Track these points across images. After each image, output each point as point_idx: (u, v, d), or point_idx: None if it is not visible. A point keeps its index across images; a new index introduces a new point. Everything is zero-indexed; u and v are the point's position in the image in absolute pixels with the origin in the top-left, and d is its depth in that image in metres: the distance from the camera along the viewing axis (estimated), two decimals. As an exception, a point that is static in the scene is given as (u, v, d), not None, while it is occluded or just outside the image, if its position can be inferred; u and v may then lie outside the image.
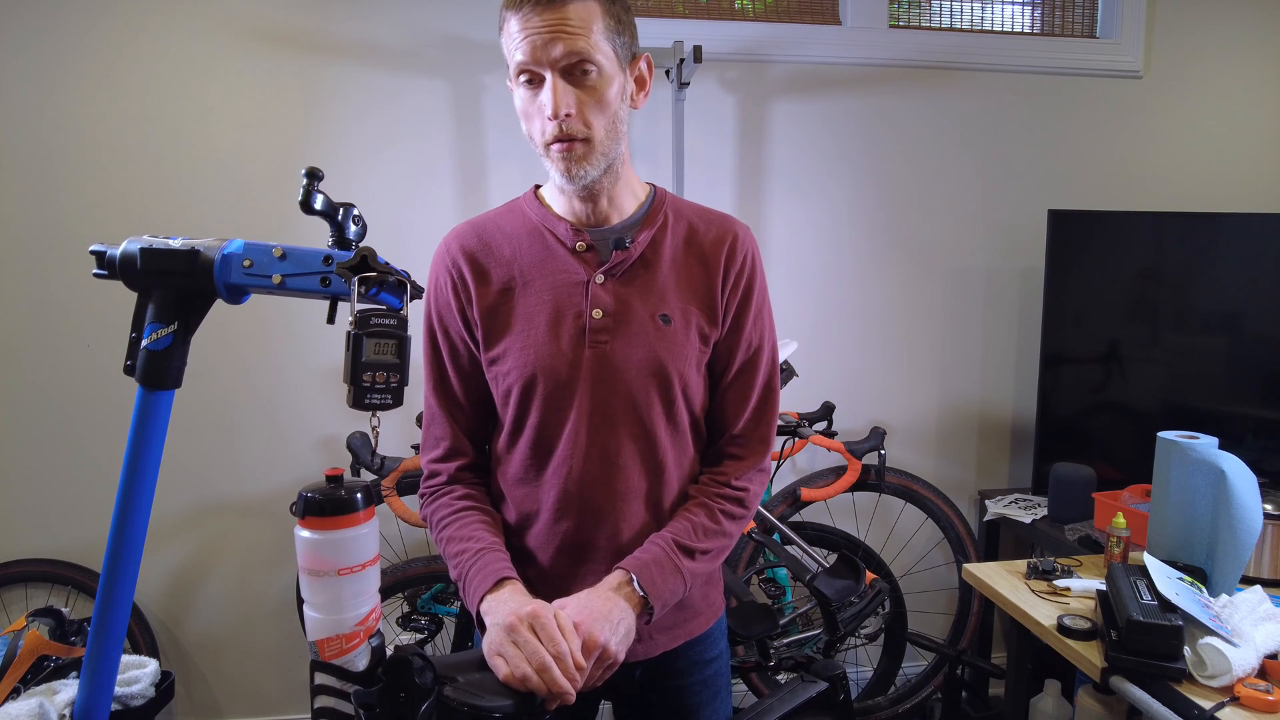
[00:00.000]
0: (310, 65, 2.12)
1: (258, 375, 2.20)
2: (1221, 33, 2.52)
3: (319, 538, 0.74)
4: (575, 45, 0.93)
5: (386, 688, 0.73)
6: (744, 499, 1.08)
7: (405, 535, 2.29)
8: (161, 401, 0.87)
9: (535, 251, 1.06)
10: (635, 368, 1.02)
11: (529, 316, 1.03)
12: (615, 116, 0.99)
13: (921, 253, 2.46)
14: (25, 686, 1.21)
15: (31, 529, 2.17)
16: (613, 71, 0.98)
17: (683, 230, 1.08)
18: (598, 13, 0.95)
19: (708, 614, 1.14)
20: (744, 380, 1.09)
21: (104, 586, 0.87)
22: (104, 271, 0.87)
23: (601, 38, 0.96)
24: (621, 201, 1.07)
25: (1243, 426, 2.35)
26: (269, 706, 2.33)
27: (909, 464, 2.49)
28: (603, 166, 1.00)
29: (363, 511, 0.75)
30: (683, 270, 1.06)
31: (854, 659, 2.52)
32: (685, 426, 1.08)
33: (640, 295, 1.04)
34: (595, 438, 1.03)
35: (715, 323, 1.06)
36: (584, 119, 0.96)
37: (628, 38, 1.00)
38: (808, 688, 1.08)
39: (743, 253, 1.08)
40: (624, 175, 1.06)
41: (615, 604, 0.95)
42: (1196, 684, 1.27)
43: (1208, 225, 2.36)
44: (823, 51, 2.35)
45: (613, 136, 1.00)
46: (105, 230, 2.06)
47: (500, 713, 0.82)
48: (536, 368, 1.02)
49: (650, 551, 1.00)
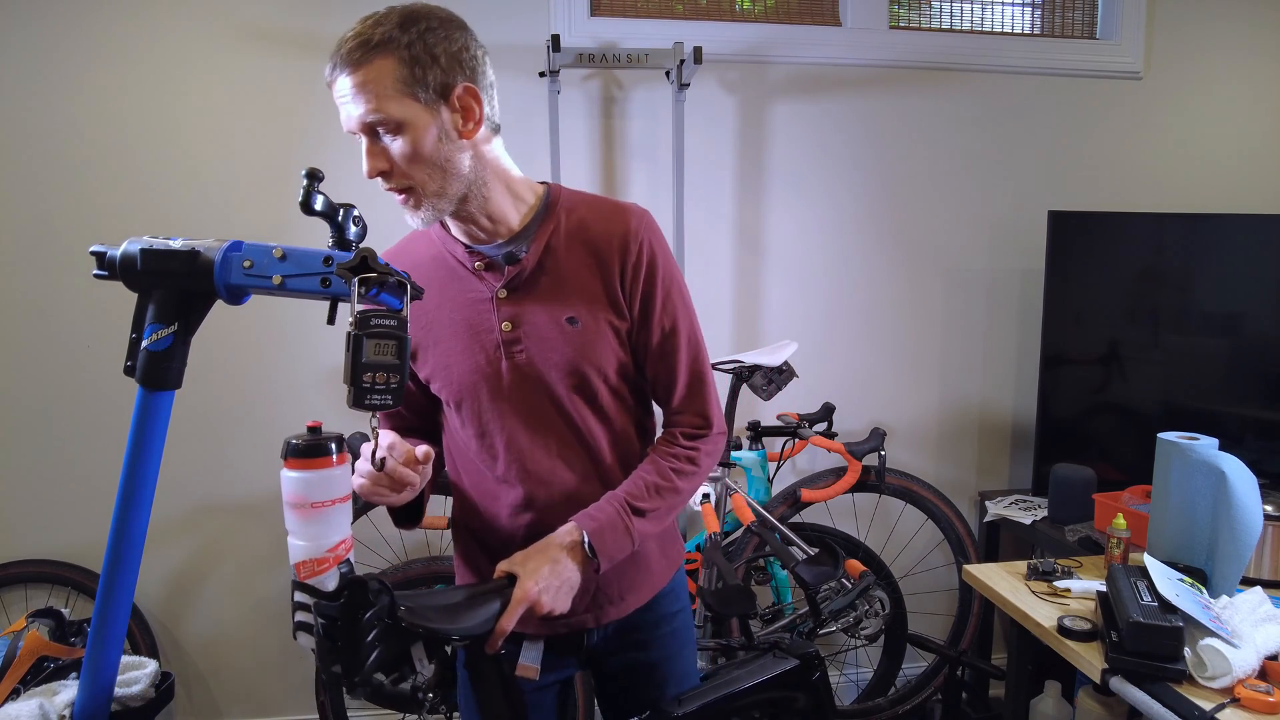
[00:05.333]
0: (310, 65, 2.12)
1: (258, 376, 2.20)
2: (1221, 33, 2.53)
3: (298, 475, 0.86)
4: (367, 110, 0.95)
5: (345, 603, 0.84)
6: (695, 458, 1.13)
7: (405, 535, 2.29)
8: (162, 402, 0.87)
9: (442, 275, 1.11)
10: (553, 371, 1.08)
11: (447, 339, 1.10)
12: (439, 159, 0.98)
13: (922, 253, 2.46)
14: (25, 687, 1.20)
15: (31, 529, 2.17)
16: (419, 119, 0.96)
17: (576, 229, 1.09)
18: (389, 69, 0.94)
19: (667, 566, 1.23)
20: (667, 363, 1.13)
21: (104, 587, 0.87)
22: (104, 272, 0.87)
23: (398, 93, 0.95)
24: (503, 214, 1.07)
25: (1243, 427, 2.35)
26: (269, 706, 2.33)
27: (909, 465, 2.49)
28: (447, 205, 1.02)
29: (336, 456, 0.87)
30: (580, 269, 1.08)
31: (854, 660, 2.52)
32: (619, 411, 1.14)
33: (543, 303, 1.08)
34: (534, 440, 1.11)
35: (622, 315, 1.10)
36: (401, 174, 0.99)
37: (436, 75, 0.96)
38: (777, 663, 1.15)
39: (636, 242, 1.08)
40: (495, 194, 1.06)
41: (562, 564, 1.03)
42: (1197, 685, 1.27)
43: (1208, 226, 2.36)
44: (823, 52, 2.35)
45: (443, 178, 1.00)
46: (105, 231, 2.06)
47: (458, 635, 0.93)
48: (462, 386, 1.10)
49: (605, 512, 1.07)
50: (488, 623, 0.97)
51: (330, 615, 0.84)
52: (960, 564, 2.31)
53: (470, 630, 0.95)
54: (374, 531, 2.26)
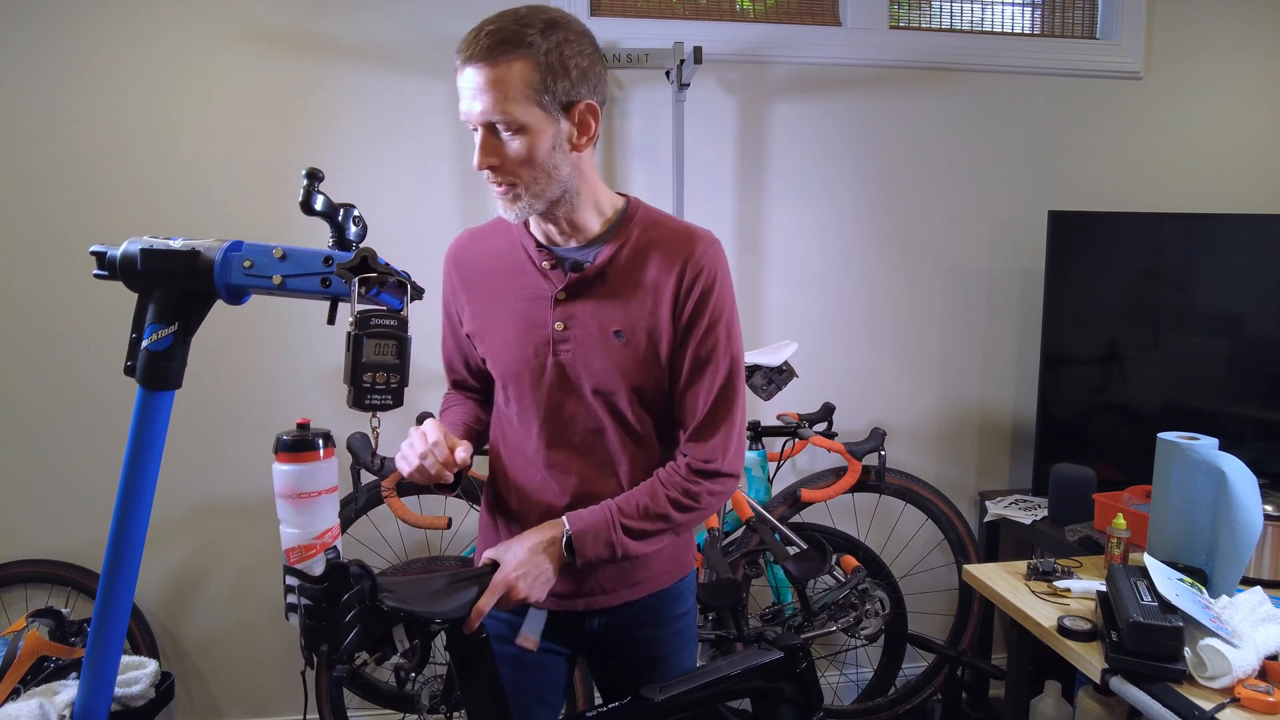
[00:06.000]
0: (310, 65, 2.12)
1: (258, 376, 2.20)
2: (1221, 33, 2.52)
3: (288, 468, 0.92)
4: (493, 108, 0.98)
5: (329, 586, 0.90)
6: (696, 494, 1.13)
7: (405, 535, 2.29)
8: (162, 402, 0.87)
9: (512, 265, 1.17)
10: (591, 378, 1.12)
11: (504, 324, 1.16)
12: (547, 165, 1.03)
13: (922, 253, 2.46)
14: (25, 687, 1.21)
15: (31, 529, 2.17)
16: (540, 126, 1.00)
17: (644, 246, 1.13)
18: (525, 71, 0.98)
19: (673, 572, 1.25)
20: (692, 392, 1.14)
21: (104, 587, 0.87)
22: (104, 272, 0.87)
23: (526, 97, 0.98)
24: (585, 222, 1.12)
25: (1243, 427, 2.35)
26: (268, 707, 2.33)
27: (909, 465, 2.49)
28: (541, 206, 1.07)
29: (322, 451, 0.93)
30: (638, 286, 1.11)
31: (854, 660, 2.52)
32: (647, 427, 1.17)
33: (596, 311, 1.12)
34: (561, 434, 1.16)
35: (667, 338, 1.12)
36: (510, 171, 1.03)
37: (566, 85, 1.00)
38: (760, 655, 1.17)
39: (696, 268, 1.11)
40: (583, 201, 1.11)
41: (541, 555, 1.07)
42: (1197, 685, 1.27)
43: (1208, 226, 2.36)
44: (823, 52, 2.35)
45: (547, 182, 1.04)
46: (105, 231, 2.06)
47: (437, 617, 0.98)
48: (508, 370, 1.16)
49: (597, 516, 1.10)
50: (465, 606, 1.01)
51: (314, 596, 0.89)
52: (960, 564, 2.31)
53: (449, 613, 0.99)
54: (374, 531, 2.26)
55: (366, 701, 2.26)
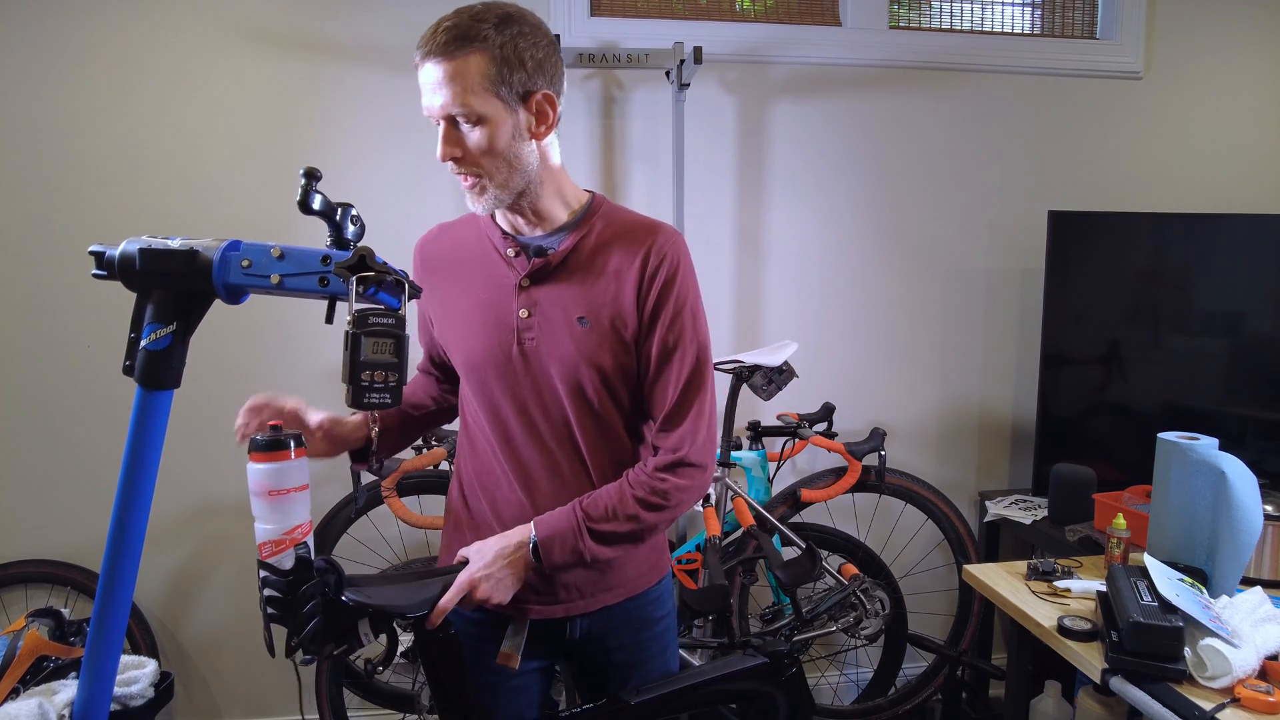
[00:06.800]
0: (310, 65, 2.12)
1: (256, 375, 2.20)
2: (1221, 33, 2.52)
3: (260, 467, 0.94)
4: (453, 101, 1.02)
5: (293, 579, 0.94)
6: (665, 491, 1.11)
7: (405, 535, 2.29)
8: (161, 402, 0.87)
9: (478, 256, 1.19)
10: (554, 365, 1.13)
11: (468, 313, 1.17)
12: (509, 154, 1.06)
13: (921, 253, 2.46)
14: (25, 687, 1.21)
15: (31, 529, 2.17)
16: (499, 116, 1.04)
17: (607, 237, 1.15)
18: (482, 64, 1.01)
19: (650, 575, 1.25)
20: (660, 381, 1.14)
21: (104, 586, 0.87)
22: (103, 272, 0.87)
23: (484, 89, 1.02)
24: (550, 211, 1.15)
25: (1243, 427, 2.35)
26: (268, 707, 2.33)
27: (909, 465, 2.49)
28: (507, 197, 1.09)
29: (293, 451, 0.96)
30: (601, 275, 1.13)
31: (854, 660, 2.52)
32: (615, 416, 1.16)
33: (560, 298, 1.13)
34: (529, 425, 1.16)
35: (631, 325, 1.13)
36: (472, 161, 1.06)
37: (522, 76, 1.03)
38: (742, 660, 1.19)
39: (659, 256, 1.12)
40: (546, 190, 1.13)
41: (507, 559, 1.08)
42: (1197, 685, 1.27)
43: (1208, 225, 2.36)
44: (823, 52, 2.35)
45: (509, 171, 1.07)
46: (104, 230, 2.06)
47: (399, 612, 1.01)
48: (473, 360, 1.17)
49: (563, 523, 1.10)
50: (428, 603, 1.03)
51: (279, 589, 0.94)
52: (960, 564, 2.31)
53: (410, 609, 1.02)
54: (374, 531, 2.26)
55: (367, 702, 2.26)
